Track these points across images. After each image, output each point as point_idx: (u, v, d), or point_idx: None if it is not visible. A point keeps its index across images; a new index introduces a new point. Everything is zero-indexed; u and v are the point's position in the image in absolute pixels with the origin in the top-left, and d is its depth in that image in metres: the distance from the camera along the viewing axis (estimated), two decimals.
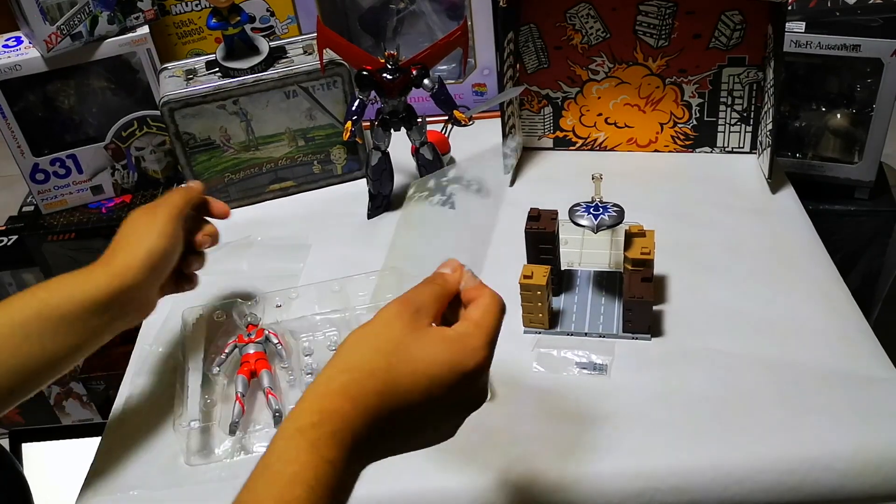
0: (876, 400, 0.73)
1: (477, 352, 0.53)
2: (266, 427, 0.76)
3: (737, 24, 1.00)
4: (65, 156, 1.27)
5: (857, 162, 1.22)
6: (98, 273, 0.71)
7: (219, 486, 0.72)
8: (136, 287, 0.72)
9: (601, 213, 0.81)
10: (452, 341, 0.53)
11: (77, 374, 1.45)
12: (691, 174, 1.07)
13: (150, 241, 0.73)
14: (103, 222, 1.30)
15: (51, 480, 1.30)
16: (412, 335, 0.53)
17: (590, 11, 1.03)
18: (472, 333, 0.54)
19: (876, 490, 0.69)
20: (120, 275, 0.71)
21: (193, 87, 1.01)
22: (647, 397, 0.76)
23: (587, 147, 1.14)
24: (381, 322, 0.54)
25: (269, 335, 0.83)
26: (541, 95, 1.11)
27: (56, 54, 1.17)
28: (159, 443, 0.77)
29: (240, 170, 1.08)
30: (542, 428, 0.74)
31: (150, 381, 0.84)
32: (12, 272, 1.43)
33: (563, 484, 0.70)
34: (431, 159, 1.02)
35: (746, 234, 0.94)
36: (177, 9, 1.24)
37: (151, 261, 0.73)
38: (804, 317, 0.83)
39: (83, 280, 0.70)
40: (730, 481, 0.69)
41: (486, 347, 0.54)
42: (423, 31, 1.27)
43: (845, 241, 1.26)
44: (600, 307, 0.86)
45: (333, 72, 1.03)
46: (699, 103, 1.07)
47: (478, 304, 0.56)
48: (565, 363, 0.81)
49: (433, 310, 0.56)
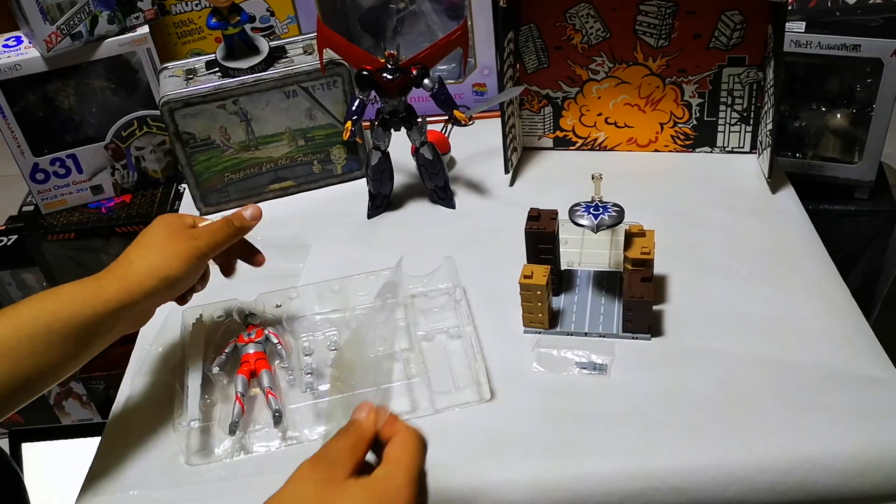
0: (876, 400, 0.73)
1: (401, 490, 0.52)
2: (266, 427, 0.76)
3: (737, 24, 1.00)
4: (65, 156, 1.27)
5: (857, 162, 1.22)
6: (109, 285, 0.71)
7: (219, 486, 0.72)
8: (145, 303, 0.73)
9: (601, 212, 0.80)
10: (372, 488, 0.53)
11: (77, 374, 1.45)
12: (691, 174, 1.07)
13: (170, 270, 0.73)
14: (103, 222, 1.30)
15: (51, 480, 1.30)
16: (329, 492, 0.52)
17: (590, 11, 1.03)
18: (393, 474, 0.53)
19: (876, 490, 0.69)
20: (133, 293, 0.71)
21: (193, 87, 1.01)
22: (647, 397, 0.76)
23: (587, 147, 1.14)
24: (294, 485, 0.53)
25: (268, 335, 0.83)
26: (541, 95, 1.11)
27: (56, 54, 1.17)
28: (159, 443, 0.77)
29: (240, 169, 1.08)
30: (542, 428, 0.74)
31: (150, 381, 0.84)
32: (12, 272, 1.43)
33: (564, 484, 0.70)
34: (431, 159, 1.02)
35: (746, 234, 0.94)
36: (177, 9, 1.24)
37: (166, 285, 0.73)
38: (804, 317, 0.83)
39: (93, 293, 0.70)
40: (730, 481, 0.69)
41: (410, 486, 0.53)
42: (423, 31, 1.27)
43: (845, 241, 1.26)
44: (600, 307, 0.86)
45: (333, 72, 1.03)
46: (699, 103, 1.07)
47: (395, 442, 0.55)
48: (565, 363, 0.81)
49: (350, 461, 0.54)
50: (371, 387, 0.69)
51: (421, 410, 0.77)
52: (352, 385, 0.70)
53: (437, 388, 0.78)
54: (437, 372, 0.80)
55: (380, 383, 0.70)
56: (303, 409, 0.77)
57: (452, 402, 0.77)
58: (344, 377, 0.72)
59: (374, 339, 0.75)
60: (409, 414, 0.77)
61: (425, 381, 0.78)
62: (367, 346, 0.75)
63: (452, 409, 0.77)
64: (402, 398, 0.78)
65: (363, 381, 0.70)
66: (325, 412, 0.75)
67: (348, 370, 0.72)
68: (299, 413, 0.77)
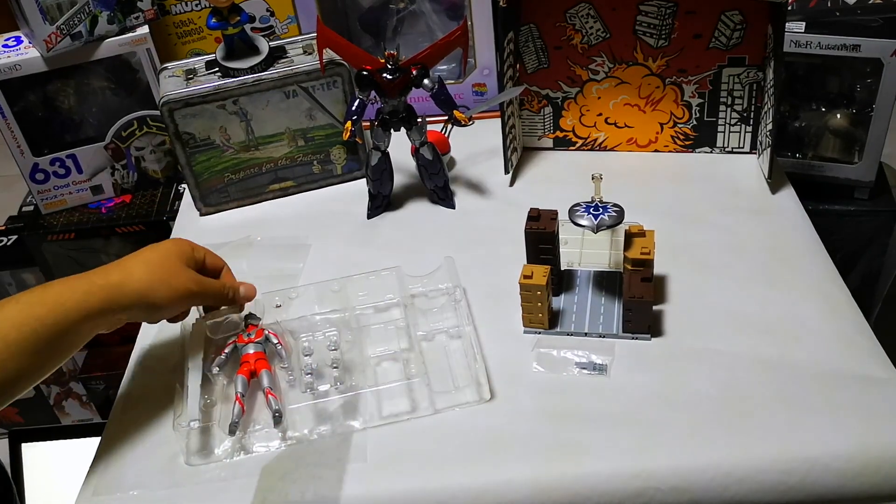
0: (876, 400, 0.73)
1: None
2: (266, 427, 0.76)
3: (737, 24, 1.00)
4: (64, 156, 1.27)
5: (856, 162, 1.22)
6: (98, 292, 0.72)
7: (218, 486, 0.72)
8: (123, 316, 0.74)
9: (601, 213, 0.80)
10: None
11: (77, 374, 1.46)
12: (691, 174, 1.07)
13: (159, 300, 0.75)
14: (103, 222, 1.30)
15: (51, 480, 1.30)
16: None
17: (590, 11, 1.03)
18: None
19: (876, 490, 0.69)
20: (115, 306, 0.72)
21: (193, 87, 1.01)
22: (647, 397, 0.76)
23: (587, 147, 1.14)
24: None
25: (268, 335, 0.83)
26: (541, 95, 1.11)
27: (56, 54, 1.17)
28: (159, 443, 0.77)
29: (240, 170, 1.08)
30: (542, 428, 0.74)
31: (150, 381, 0.84)
32: (12, 272, 1.43)
33: (563, 484, 0.70)
34: (431, 159, 1.02)
35: (746, 234, 0.94)
36: (177, 9, 1.24)
37: (149, 312, 0.76)
38: (804, 317, 0.83)
39: (81, 299, 0.70)
40: (730, 481, 0.69)
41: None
42: (423, 31, 1.27)
43: (845, 241, 1.26)
44: (600, 307, 0.86)
45: (333, 72, 1.03)
46: (699, 103, 1.07)
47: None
48: (565, 363, 0.81)
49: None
50: None
51: (421, 410, 0.77)
52: None
53: (437, 389, 0.78)
54: (436, 372, 0.80)
55: None
56: (303, 409, 0.77)
57: (452, 403, 0.77)
58: None
59: None
60: (409, 414, 0.77)
61: (425, 381, 0.78)
62: None
63: (452, 409, 0.77)
64: (402, 398, 0.78)
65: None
66: None
67: None
68: (299, 413, 0.77)
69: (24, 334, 0.67)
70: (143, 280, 0.74)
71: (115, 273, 0.74)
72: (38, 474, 1.33)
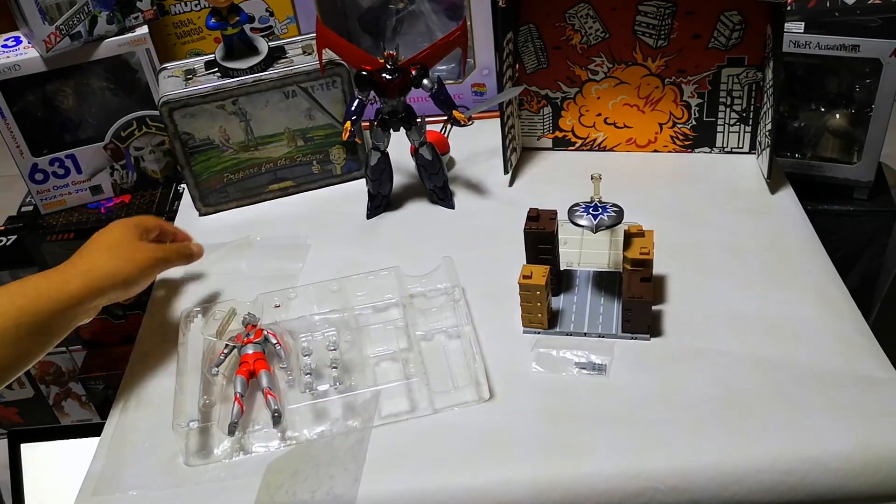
0: (875, 400, 0.73)
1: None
2: (265, 427, 0.76)
3: (736, 25, 1.00)
4: (64, 156, 1.27)
5: (856, 162, 1.22)
6: (74, 280, 0.75)
7: (218, 487, 0.72)
8: (101, 301, 0.78)
9: (600, 213, 0.80)
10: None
11: (76, 374, 1.45)
12: (690, 174, 1.07)
13: (130, 276, 0.80)
14: (102, 222, 1.29)
15: (50, 480, 1.30)
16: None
17: (589, 11, 1.03)
18: None
19: (876, 490, 0.69)
20: (94, 290, 0.76)
21: (193, 88, 1.01)
22: (647, 397, 0.76)
23: (586, 147, 1.14)
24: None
25: (267, 335, 0.83)
26: (540, 95, 1.11)
27: (55, 54, 1.17)
28: (158, 443, 0.77)
29: (239, 170, 1.08)
30: (542, 428, 0.74)
31: (149, 381, 0.84)
32: (11, 272, 1.43)
33: (563, 484, 0.70)
34: (431, 159, 1.02)
35: (746, 234, 0.94)
36: (176, 9, 1.24)
37: (124, 288, 0.80)
38: (803, 317, 0.83)
39: (59, 288, 0.74)
40: (730, 481, 0.69)
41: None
42: (422, 31, 1.27)
43: (844, 241, 1.26)
44: (599, 307, 0.86)
45: (333, 72, 1.03)
46: (698, 103, 1.07)
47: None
48: (564, 363, 0.81)
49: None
50: None
51: (420, 410, 0.77)
52: None
53: (436, 388, 0.78)
54: (436, 372, 0.80)
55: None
56: (302, 409, 0.77)
57: (451, 402, 0.77)
58: None
59: None
60: (408, 414, 0.77)
61: (424, 380, 0.78)
62: None
63: (451, 408, 0.77)
64: (402, 398, 0.78)
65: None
66: None
67: None
68: (298, 413, 0.77)
69: (6, 325, 0.69)
70: (109, 263, 0.79)
71: (82, 263, 0.79)
72: (37, 474, 1.33)
